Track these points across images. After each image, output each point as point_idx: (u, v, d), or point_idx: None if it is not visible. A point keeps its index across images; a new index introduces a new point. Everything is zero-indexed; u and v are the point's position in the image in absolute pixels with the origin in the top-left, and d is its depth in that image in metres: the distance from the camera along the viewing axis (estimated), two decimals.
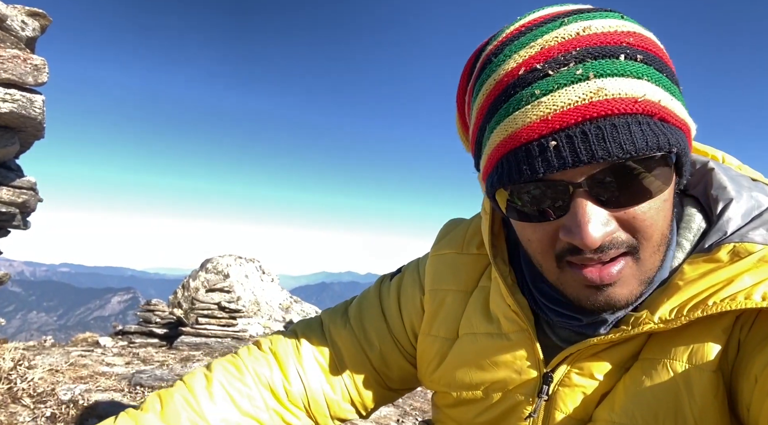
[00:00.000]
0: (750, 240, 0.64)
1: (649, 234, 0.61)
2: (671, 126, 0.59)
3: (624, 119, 0.55)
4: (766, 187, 0.74)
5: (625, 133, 0.54)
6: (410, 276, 0.98)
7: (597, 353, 0.69)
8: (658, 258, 0.65)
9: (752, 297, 0.58)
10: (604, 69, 0.55)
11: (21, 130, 3.39)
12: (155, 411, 0.81)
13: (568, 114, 0.55)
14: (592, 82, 0.55)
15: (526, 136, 0.57)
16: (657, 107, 0.57)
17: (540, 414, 0.72)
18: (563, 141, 0.55)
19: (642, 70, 0.57)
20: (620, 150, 0.54)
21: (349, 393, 0.93)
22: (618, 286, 0.63)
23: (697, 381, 0.60)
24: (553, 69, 0.56)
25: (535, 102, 0.56)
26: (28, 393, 3.13)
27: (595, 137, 0.54)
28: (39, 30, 3.56)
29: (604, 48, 0.56)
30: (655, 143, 0.55)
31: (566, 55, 0.56)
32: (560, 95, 0.55)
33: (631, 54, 0.57)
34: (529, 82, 0.57)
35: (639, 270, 0.63)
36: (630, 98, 0.55)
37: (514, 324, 0.76)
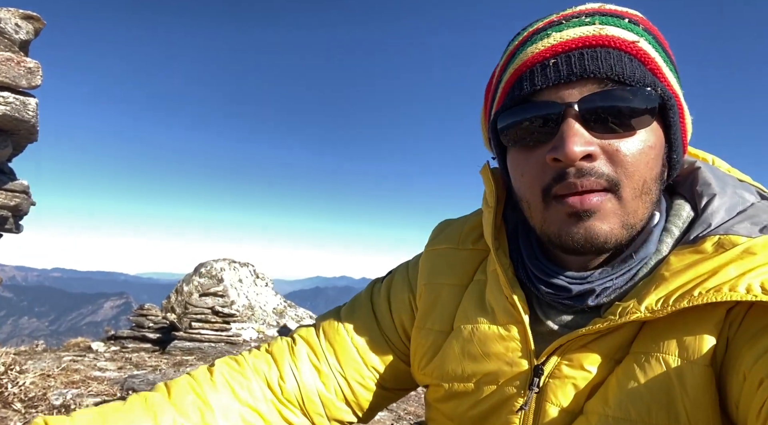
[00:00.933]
0: (734, 232, 0.65)
1: (630, 172, 0.65)
2: (659, 80, 0.66)
3: (618, 52, 0.64)
4: (752, 187, 0.76)
5: (617, 59, 0.63)
6: (400, 277, 0.99)
7: (586, 344, 0.69)
8: (641, 206, 0.67)
9: (737, 289, 0.59)
10: (609, 21, 0.66)
11: (14, 133, 3.37)
12: (164, 393, 0.85)
13: (570, 41, 0.65)
14: (597, 25, 0.65)
15: (531, 60, 0.67)
16: (650, 58, 0.66)
17: (531, 406, 0.72)
18: (562, 59, 0.64)
19: (641, 32, 0.66)
20: (610, 69, 0.62)
21: (342, 392, 0.93)
22: (598, 219, 0.65)
23: (690, 375, 0.61)
24: (567, 19, 0.67)
25: (546, 37, 0.67)
26: (19, 398, 3.10)
27: (590, 57, 0.63)
28: (33, 33, 3.55)
29: (613, 13, 0.68)
30: (641, 77, 0.64)
31: (579, 14, 0.68)
32: (568, 31, 0.66)
33: (634, 21, 0.67)
34: (546, 29, 0.68)
35: (621, 208, 0.66)
36: (626, 40, 0.64)
37: (510, 316, 0.76)
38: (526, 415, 0.73)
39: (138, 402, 0.82)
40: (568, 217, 0.66)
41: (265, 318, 11.55)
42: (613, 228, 0.66)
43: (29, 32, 3.53)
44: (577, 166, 0.64)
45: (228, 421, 0.85)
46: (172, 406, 0.83)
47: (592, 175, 0.64)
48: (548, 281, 0.73)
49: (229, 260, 12.61)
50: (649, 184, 0.67)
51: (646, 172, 0.66)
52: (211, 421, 0.84)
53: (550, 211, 0.68)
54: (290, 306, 12.73)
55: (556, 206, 0.67)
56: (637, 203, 0.66)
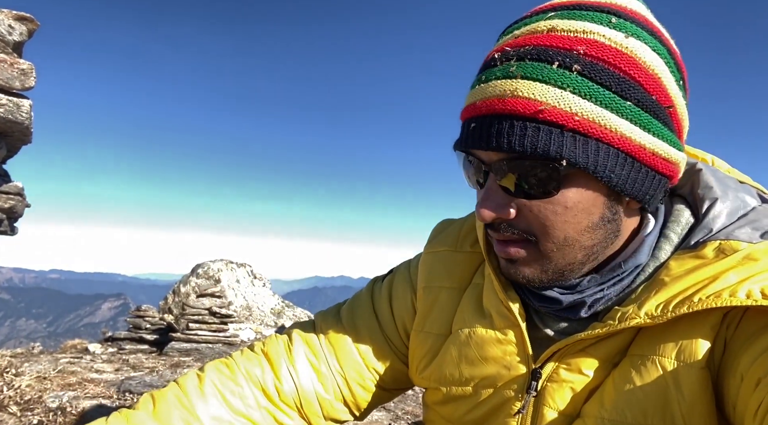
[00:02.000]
0: (735, 238, 0.65)
1: (546, 233, 0.66)
2: (587, 138, 0.60)
3: (522, 122, 0.60)
4: (753, 190, 0.75)
5: (519, 133, 0.60)
6: (401, 276, 0.98)
7: (584, 348, 0.69)
8: (568, 255, 0.67)
9: (737, 295, 0.59)
10: (531, 72, 0.61)
11: (8, 135, 3.36)
12: (147, 410, 0.81)
13: (486, 103, 0.63)
14: (515, 81, 0.61)
15: (465, 113, 0.68)
16: (568, 118, 0.59)
17: (529, 410, 0.72)
18: (479, 125, 0.64)
19: (569, 80, 0.59)
20: (508, 146, 0.61)
21: (341, 393, 0.92)
22: (521, 265, 0.70)
23: (686, 378, 0.61)
24: (501, 61, 0.64)
25: (477, 86, 0.66)
26: (15, 401, 3.09)
27: (496, 130, 0.62)
28: (26, 34, 3.54)
29: (546, 51, 0.61)
30: (543, 149, 0.60)
31: (516, 50, 0.63)
32: (490, 86, 0.63)
33: (567, 63, 0.60)
34: (486, 67, 0.66)
35: (541, 258, 0.68)
36: (537, 103, 0.60)
37: (506, 319, 0.76)
38: (524, 418, 0.73)
39: (120, 422, 0.79)
40: (503, 259, 0.73)
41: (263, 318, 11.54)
42: (535, 272, 0.69)
43: (23, 33, 3.51)
44: (486, 223, 0.69)
45: None
46: (156, 422, 0.80)
47: (506, 230, 0.68)
48: (538, 293, 0.73)
49: (226, 261, 12.60)
50: (577, 237, 0.66)
51: (567, 228, 0.65)
52: None
53: (494, 247, 0.74)
54: (288, 307, 12.72)
55: (495, 245, 0.73)
56: (562, 253, 0.67)
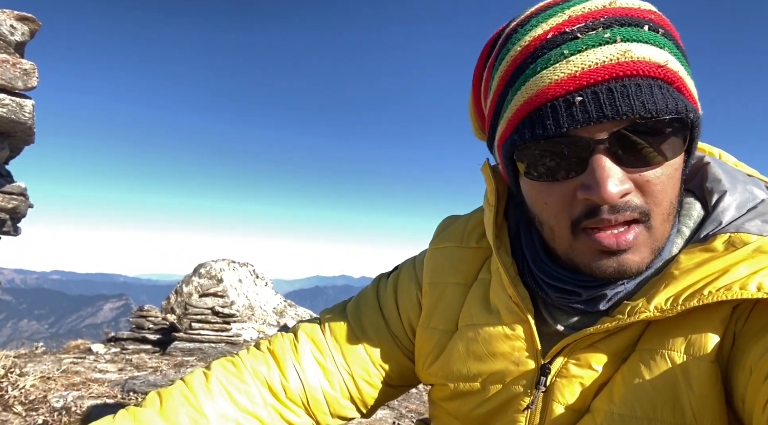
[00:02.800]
0: (745, 230, 0.65)
1: (660, 200, 0.64)
2: (686, 98, 0.62)
3: (647, 81, 0.58)
4: (761, 182, 0.75)
5: (648, 93, 0.58)
6: (407, 273, 0.98)
7: (594, 343, 0.69)
8: (667, 228, 0.67)
9: (747, 288, 0.59)
10: (630, 35, 0.59)
11: (10, 135, 3.36)
12: (154, 408, 0.81)
13: (596, 72, 0.58)
14: (619, 44, 0.58)
15: (552, 92, 0.60)
16: (676, 77, 0.61)
17: (538, 405, 0.72)
18: (589, 97, 0.58)
19: (663, 41, 0.61)
20: (642, 108, 0.57)
21: (348, 390, 0.92)
22: (631, 253, 0.65)
23: (695, 371, 0.61)
24: (582, 32, 0.60)
25: (563, 61, 0.60)
26: (20, 401, 3.10)
27: (620, 94, 0.58)
28: (28, 34, 3.54)
29: (630, 18, 0.60)
30: (674, 107, 0.59)
31: (594, 21, 0.60)
32: (589, 55, 0.59)
33: (654, 26, 0.61)
34: (558, 43, 0.61)
35: (651, 237, 0.65)
36: (654, 63, 0.59)
37: (515, 315, 0.76)
38: (533, 414, 0.72)
39: (127, 419, 0.79)
40: (600, 253, 0.65)
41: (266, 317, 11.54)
42: (644, 257, 0.66)
43: (24, 34, 3.51)
44: (612, 203, 0.62)
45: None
46: (163, 420, 0.80)
47: (626, 210, 0.62)
48: (557, 286, 0.72)
49: (228, 260, 12.60)
50: (675, 203, 0.66)
51: (672, 194, 0.65)
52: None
53: (580, 243, 0.66)
54: (290, 306, 12.72)
55: (586, 239, 0.65)
56: (665, 226, 0.66)
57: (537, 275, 0.75)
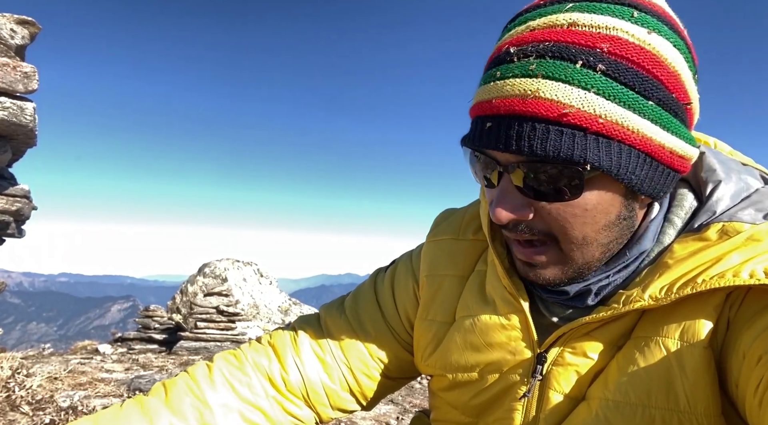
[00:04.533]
0: (738, 219, 0.65)
1: (566, 234, 0.65)
2: (610, 141, 0.59)
3: (544, 125, 0.58)
4: (756, 171, 0.75)
5: (541, 137, 0.58)
6: (403, 266, 0.99)
7: (589, 332, 0.69)
8: (588, 254, 0.67)
9: (740, 275, 0.59)
10: (554, 71, 0.58)
11: (13, 138, 3.39)
12: (160, 397, 0.83)
13: (505, 103, 0.60)
14: (537, 80, 0.58)
15: (477, 109, 0.65)
16: (592, 121, 0.58)
17: (534, 394, 0.72)
18: (495, 125, 0.61)
19: (594, 81, 0.57)
20: (530, 150, 0.59)
21: (347, 383, 0.93)
22: (542, 269, 0.69)
23: (689, 357, 0.61)
24: (518, 56, 0.61)
25: (491, 83, 0.62)
26: (27, 401, 3.12)
27: (516, 132, 0.59)
28: (28, 38, 3.56)
29: (568, 49, 0.58)
30: (567, 154, 0.58)
31: (536, 46, 0.60)
32: (508, 84, 0.60)
33: (591, 62, 0.57)
34: (500, 62, 0.63)
35: (562, 259, 0.67)
36: (559, 106, 0.58)
37: (510, 305, 0.76)
38: (529, 402, 0.73)
39: (134, 408, 0.81)
40: (522, 262, 0.71)
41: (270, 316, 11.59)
42: (556, 274, 0.69)
43: (25, 37, 3.53)
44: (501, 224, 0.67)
45: (228, 420, 0.84)
46: (168, 409, 0.82)
47: (524, 231, 0.66)
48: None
49: (232, 259, 12.65)
50: (595, 236, 0.66)
51: (585, 229, 0.65)
52: (211, 421, 0.83)
53: (512, 248, 0.73)
54: (295, 304, 12.77)
55: (512, 246, 0.72)
56: (582, 252, 0.67)
57: None
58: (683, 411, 0.61)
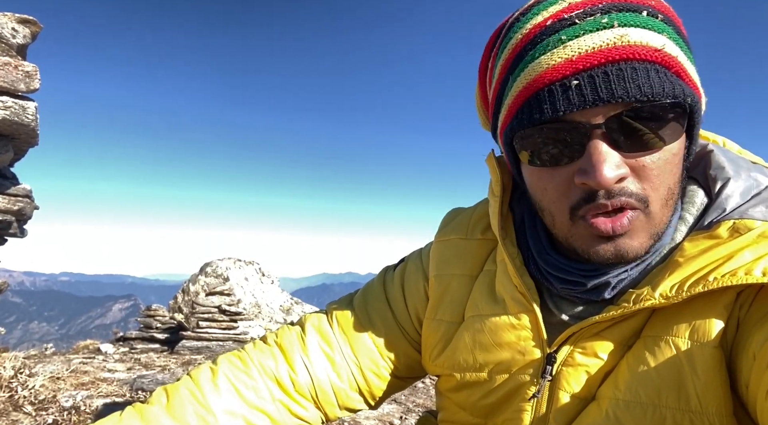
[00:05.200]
0: (749, 216, 0.65)
1: (657, 185, 0.63)
2: (685, 83, 0.62)
3: (644, 65, 0.58)
4: (765, 169, 0.74)
5: (644, 76, 0.58)
6: (413, 265, 0.98)
7: (599, 332, 0.69)
8: (666, 214, 0.66)
9: (752, 273, 0.59)
10: (628, 20, 0.59)
11: (14, 138, 3.39)
12: (161, 404, 0.81)
13: (592, 56, 0.59)
14: (616, 29, 0.59)
15: (549, 77, 0.61)
16: (674, 61, 0.61)
17: (544, 394, 0.72)
18: (585, 80, 0.59)
19: (662, 26, 0.61)
20: (638, 91, 0.57)
21: (356, 382, 0.92)
22: (628, 237, 0.65)
23: (700, 357, 0.61)
24: (580, 18, 0.60)
25: (561, 46, 0.60)
26: (30, 401, 3.13)
27: (616, 77, 0.58)
28: (30, 37, 3.56)
29: (629, 4, 0.61)
30: (671, 91, 0.59)
31: (593, 7, 0.61)
32: (586, 39, 0.59)
33: (652, 12, 0.61)
34: (557, 29, 0.61)
35: (649, 223, 0.65)
36: (651, 47, 0.59)
37: (520, 305, 0.75)
38: (539, 403, 0.72)
39: (134, 417, 0.79)
40: (598, 238, 0.65)
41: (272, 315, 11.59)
42: (642, 242, 0.65)
43: (26, 36, 3.53)
44: (608, 188, 0.62)
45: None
46: (170, 417, 0.80)
47: (622, 195, 0.62)
48: (561, 277, 0.72)
49: (234, 259, 12.65)
50: (674, 189, 0.66)
51: (671, 179, 0.65)
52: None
53: (578, 228, 0.67)
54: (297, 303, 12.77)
55: (583, 224, 0.66)
56: (664, 211, 0.66)
57: (541, 266, 0.75)
58: (694, 411, 0.60)
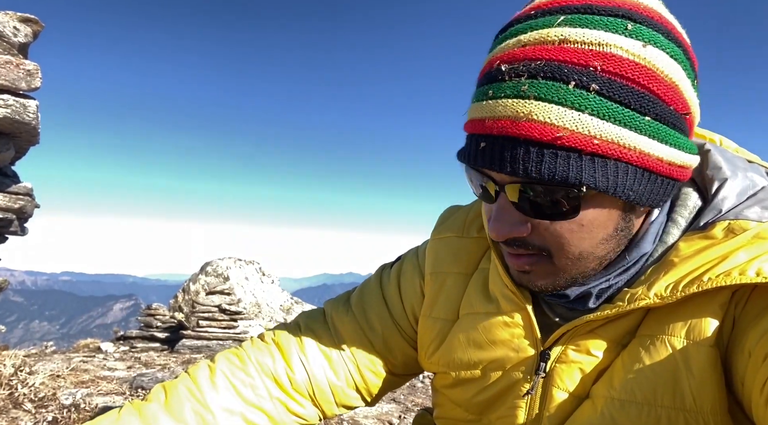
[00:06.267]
0: (744, 217, 0.65)
1: (562, 250, 0.65)
2: (606, 160, 0.58)
3: (538, 147, 0.57)
4: (762, 169, 0.75)
5: (535, 159, 0.57)
6: (410, 262, 0.98)
7: (593, 330, 0.69)
8: (582, 266, 0.67)
9: (746, 273, 0.59)
10: (546, 93, 0.56)
11: (15, 136, 3.39)
12: (159, 402, 0.82)
13: (498, 124, 0.59)
14: (529, 102, 0.57)
15: (470, 127, 0.65)
16: (587, 142, 0.56)
17: (538, 391, 0.72)
18: (490, 146, 0.61)
19: (587, 101, 0.56)
20: (524, 172, 0.58)
21: (353, 379, 0.93)
22: (534, 276, 0.69)
23: (695, 356, 0.61)
24: (510, 75, 0.59)
25: (484, 102, 0.62)
26: (30, 398, 3.13)
27: (509, 154, 0.59)
28: (31, 36, 3.57)
29: (560, 68, 0.56)
30: (562, 176, 0.57)
31: (527, 64, 0.58)
32: (500, 105, 0.59)
33: (584, 82, 0.56)
34: (492, 79, 0.62)
35: (555, 269, 0.67)
36: (553, 128, 0.56)
37: (513, 303, 0.77)
38: (533, 400, 0.73)
39: (132, 414, 0.79)
40: (516, 270, 0.72)
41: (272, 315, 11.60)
42: (551, 282, 0.69)
43: (28, 35, 3.54)
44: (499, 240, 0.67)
45: (229, 423, 0.83)
46: (168, 414, 0.80)
47: (520, 246, 0.67)
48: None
49: (234, 258, 12.66)
50: (589, 250, 0.65)
51: (581, 244, 0.65)
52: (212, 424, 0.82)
53: (506, 257, 0.73)
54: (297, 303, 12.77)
55: (506, 256, 0.73)
56: (577, 265, 0.67)
57: None
58: (689, 409, 0.60)
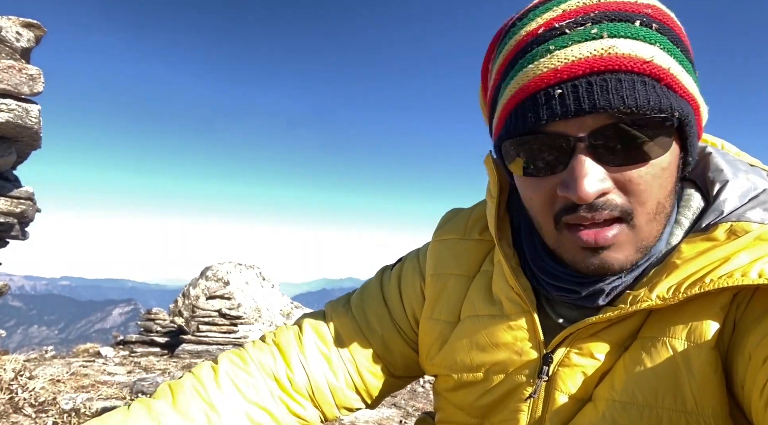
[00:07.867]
0: (746, 219, 0.65)
1: (643, 200, 0.62)
2: (677, 95, 0.60)
3: (630, 76, 0.57)
4: (763, 172, 0.75)
5: (629, 88, 0.57)
6: (410, 264, 0.98)
7: (596, 333, 0.69)
8: (655, 227, 0.66)
9: (748, 275, 0.59)
10: (618, 30, 0.58)
11: (17, 140, 3.40)
12: (167, 400, 0.83)
13: (577, 65, 0.58)
14: (605, 40, 0.58)
15: (534, 86, 0.60)
16: (665, 73, 0.59)
17: (540, 394, 0.72)
18: (569, 90, 0.58)
19: (655, 37, 0.59)
20: (621, 102, 0.56)
21: (352, 381, 0.93)
22: (613, 250, 0.64)
23: (696, 358, 0.61)
24: (570, 28, 0.59)
25: (548, 56, 0.60)
26: (30, 403, 3.12)
27: (599, 87, 0.57)
28: (34, 41, 3.58)
29: (622, 13, 0.59)
30: (656, 104, 0.57)
31: (584, 16, 0.60)
32: (573, 50, 0.58)
33: (646, 21, 0.59)
34: (546, 39, 0.61)
35: (635, 236, 0.64)
36: (639, 59, 0.57)
37: (517, 305, 0.77)
38: (535, 403, 0.73)
39: (141, 411, 0.80)
40: (583, 249, 0.65)
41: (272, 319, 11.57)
42: (628, 255, 0.65)
43: (30, 40, 3.55)
44: (588, 203, 0.61)
45: (235, 422, 0.84)
46: (176, 412, 0.81)
47: (604, 209, 0.62)
48: (555, 284, 0.73)
49: (234, 263, 12.65)
50: (663, 202, 0.65)
51: (660, 193, 0.64)
52: (218, 424, 0.82)
53: (563, 238, 0.67)
54: (297, 308, 12.75)
55: (568, 235, 0.66)
56: (652, 225, 0.65)
57: (537, 274, 0.76)
58: (691, 412, 0.60)
